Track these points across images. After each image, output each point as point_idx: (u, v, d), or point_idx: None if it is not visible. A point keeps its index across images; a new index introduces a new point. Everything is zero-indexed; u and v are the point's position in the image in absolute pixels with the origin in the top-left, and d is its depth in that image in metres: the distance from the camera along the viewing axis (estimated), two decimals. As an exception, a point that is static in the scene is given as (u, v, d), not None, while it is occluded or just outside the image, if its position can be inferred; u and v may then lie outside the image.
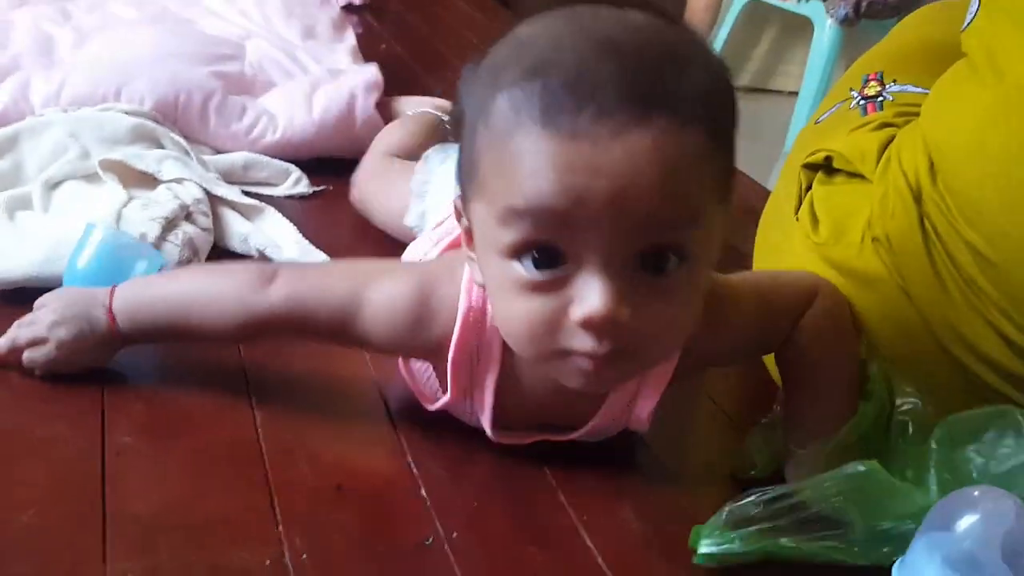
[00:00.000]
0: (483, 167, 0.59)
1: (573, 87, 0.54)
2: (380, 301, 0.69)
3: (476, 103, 0.59)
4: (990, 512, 0.59)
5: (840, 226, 0.79)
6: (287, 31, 1.65)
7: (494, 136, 0.57)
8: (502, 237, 0.58)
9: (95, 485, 0.66)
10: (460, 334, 0.68)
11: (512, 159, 0.56)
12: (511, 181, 0.56)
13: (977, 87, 0.71)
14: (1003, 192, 0.68)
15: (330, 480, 0.69)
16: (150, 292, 0.77)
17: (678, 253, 0.58)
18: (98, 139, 1.06)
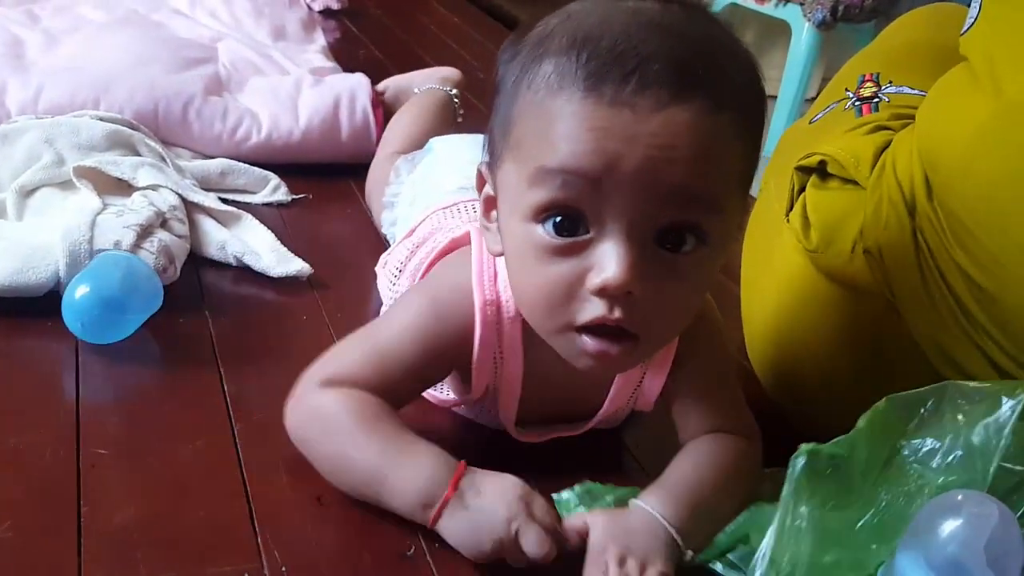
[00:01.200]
0: (520, 128, 0.60)
1: (620, 58, 0.56)
2: (395, 335, 0.69)
3: (520, 67, 0.61)
4: (973, 516, 0.59)
5: (831, 233, 0.78)
6: (257, 32, 1.65)
7: (536, 98, 0.59)
8: (529, 198, 0.59)
9: (70, 498, 0.65)
10: (481, 332, 0.69)
11: (551, 121, 0.57)
12: (547, 142, 0.57)
13: (974, 98, 0.69)
14: (995, 216, 0.66)
15: (310, 492, 0.68)
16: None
17: (697, 234, 0.59)
18: (73, 145, 1.05)
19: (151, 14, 1.60)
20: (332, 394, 0.67)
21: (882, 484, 0.64)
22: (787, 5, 3.01)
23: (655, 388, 0.73)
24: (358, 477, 0.66)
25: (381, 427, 0.66)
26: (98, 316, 0.80)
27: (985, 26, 0.71)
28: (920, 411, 0.66)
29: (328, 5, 2.12)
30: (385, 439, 0.65)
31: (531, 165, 0.58)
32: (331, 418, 0.66)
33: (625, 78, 0.55)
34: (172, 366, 0.83)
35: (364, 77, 1.35)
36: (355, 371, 0.68)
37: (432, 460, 0.65)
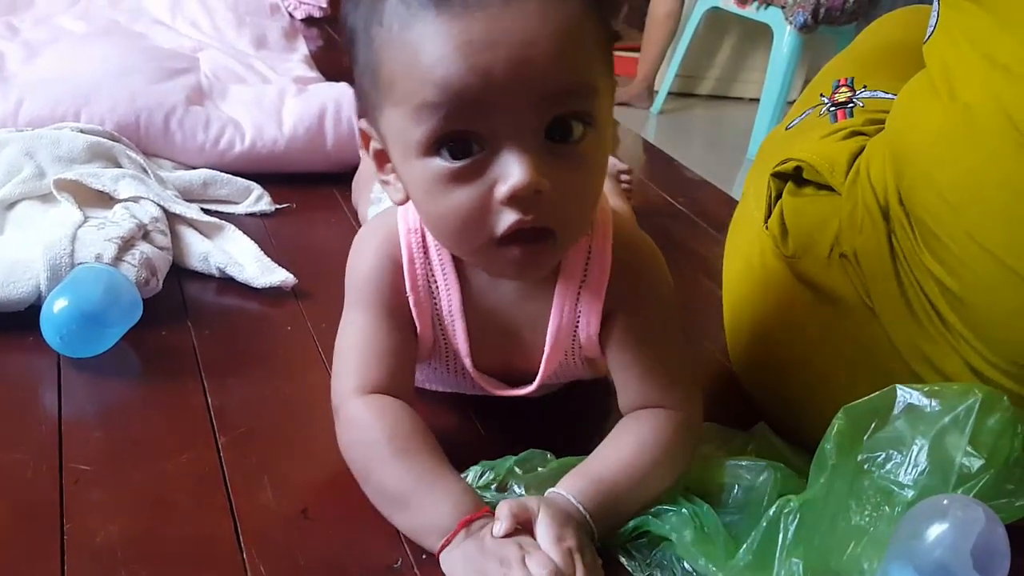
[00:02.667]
0: (386, 69, 0.60)
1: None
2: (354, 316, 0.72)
3: (366, 11, 0.61)
4: (959, 520, 0.60)
5: (808, 239, 0.79)
6: (239, 41, 1.65)
7: (392, 34, 0.59)
8: (417, 134, 0.59)
9: (53, 515, 0.65)
10: (408, 257, 0.70)
11: (414, 52, 0.58)
12: (417, 75, 0.58)
13: (932, 104, 0.71)
14: (957, 219, 0.67)
15: (296, 505, 0.68)
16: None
17: (582, 119, 0.60)
18: (54, 158, 1.04)
19: (132, 25, 1.60)
20: (370, 407, 0.69)
21: (859, 510, 0.65)
22: (768, 8, 3.03)
23: (593, 324, 0.72)
24: (384, 495, 0.67)
25: (415, 451, 0.67)
26: (77, 329, 0.79)
27: (942, 35, 0.73)
28: (873, 421, 0.67)
29: (310, 13, 2.12)
30: (416, 465, 0.66)
31: (411, 103, 0.59)
32: (368, 432, 0.68)
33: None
34: (155, 379, 0.82)
35: (350, 88, 1.34)
36: (365, 372, 0.70)
37: (458, 496, 0.65)
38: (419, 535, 0.65)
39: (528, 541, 0.62)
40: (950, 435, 0.64)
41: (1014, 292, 0.66)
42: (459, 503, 0.64)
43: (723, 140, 3.15)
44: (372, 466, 0.67)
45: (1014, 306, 0.66)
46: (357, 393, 0.70)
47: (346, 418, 0.70)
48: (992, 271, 0.66)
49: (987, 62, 0.66)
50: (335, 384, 0.72)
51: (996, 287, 0.66)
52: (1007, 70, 0.65)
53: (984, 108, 0.66)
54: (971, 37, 0.68)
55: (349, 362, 0.71)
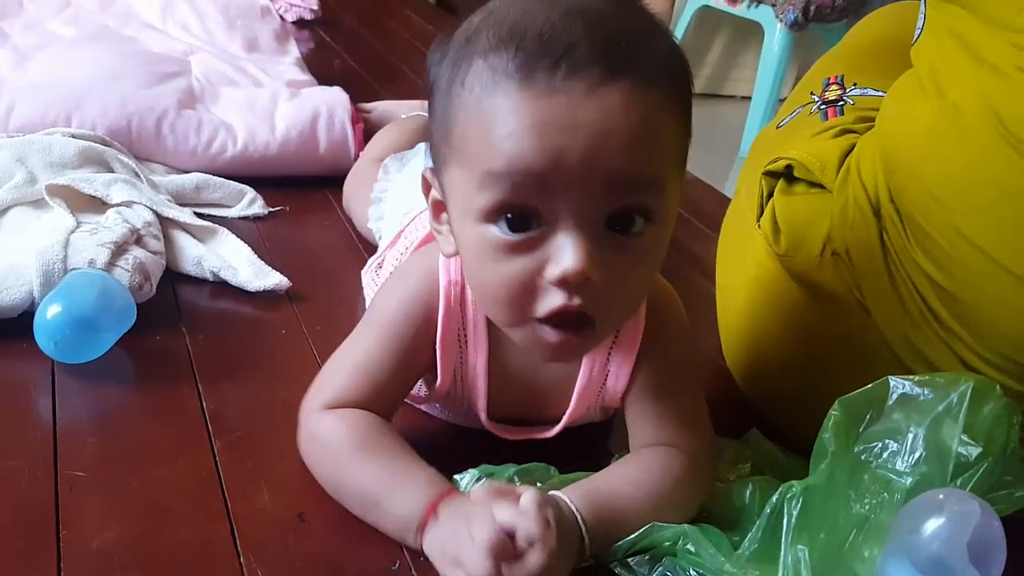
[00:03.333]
0: (460, 130, 0.60)
1: (547, 46, 0.56)
2: (368, 343, 0.71)
3: (450, 68, 0.61)
4: (956, 515, 0.60)
5: (800, 237, 0.79)
6: (230, 44, 1.64)
7: (471, 98, 0.59)
8: (478, 201, 0.59)
9: (49, 522, 0.64)
10: (444, 309, 0.69)
11: (490, 120, 0.57)
12: (489, 143, 0.58)
13: (922, 103, 0.71)
14: (946, 216, 0.68)
15: (292, 509, 0.68)
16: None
17: (644, 215, 0.60)
18: (45, 163, 1.04)
19: (122, 29, 1.59)
20: (330, 418, 0.69)
21: (859, 499, 0.65)
22: (759, 7, 3.03)
23: (621, 381, 0.72)
24: (356, 500, 0.67)
25: (377, 451, 0.67)
26: (71, 335, 0.79)
27: (929, 37, 0.73)
28: (868, 412, 0.67)
29: (301, 16, 2.12)
30: (380, 465, 0.67)
31: (477, 168, 0.59)
32: (329, 444, 0.69)
33: (555, 64, 0.56)
34: (150, 384, 0.82)
35: (343, 92, 1.34)
36: (346, 391, 0.70)
37: (424, 485, 0.65)
38: (400, 534, 0.65)
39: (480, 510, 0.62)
40: (944, 423, 0.65)
41: (1003, 287, 0.66)
42: (427, 494, 0.65)
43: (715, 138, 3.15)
44: (339, 476, 0.68)
45: (1003, 301, 0.66)
46: (325, 407, 0.69)
47: (308, 434, 0.70)
48: (981, 267, 0.66)
49: (974, 61, 0.67)
50: (312, 392, 0.71)
51: (985, 283, 0.67)
52: (994, 69, 0.65)
53: (972, 106, 0.66)
54: (958, 38, 0.69)
55: (339, 375, 0.71)
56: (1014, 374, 0.69)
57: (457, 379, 0.73)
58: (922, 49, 0.74)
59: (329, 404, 0.70)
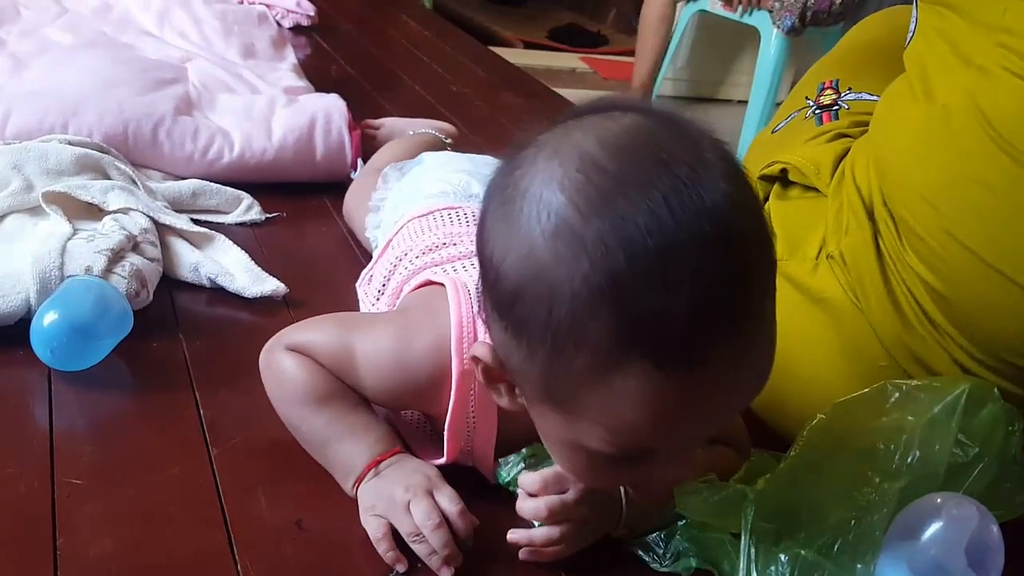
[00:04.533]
0: (559, 382, 0.53)
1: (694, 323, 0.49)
2: (366, 350, 0.70)
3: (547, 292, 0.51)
4: (953, 519, 0.60)
5: (795, 241, 0.79)
6: (227, 51, 1.64)
7: (584, 360, 0.51)
8: (583, 439, 0.56)
9: (46, 530, 0.64)
10: (456, 399, 0.68)
11: (610, 396, 0.52)
12: (606, 418, 0.53)
13: (912, 106, 0.72)
14: (937, 219, 0.68)
15: (290, 516, 0.68)
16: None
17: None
18: (42, 171, 1.03)
19: (119, 35, 1.59)
20: (292, 360, 0.70)
21: (842, 504, 0.64)
22: (756, 12, 3.04)
23: None
24: (306, 440, 0.72)
25: (334, 401, 0.70)
26: (67, 343, 0.79)
27: (920, 39, 0.73)
28: (864, 414, 0.67)
29: (298, 22, 2.12)
30: (335, 415, 0.70)
31: (586, 434, 0.55)
32: (286, 383, 0.71)
33: (700, 345, 0.49)
34: (146, 391, 0.82)
35: (340, 99, 1.34)
36: (321, 356, 0.70)
37: (369, 441, 0.69)
38: (339, 477, 0.70)
39: (438, 476, 0.67)
40: (939, 425, 0.65)
41: (994, 289, 0.66)
42: (370, 447, 0.69)
43: (712, 143, 3.15)
44: (294, 414, 0.71)
45: (995, 302, 0.67)
46: (293, 348, 0.71)
47: (270, 364, 0.72)
48: (972, 268, 0.67)
49: (962, 62, 0.68)
50: (291, 329, 0.73)
51: (977, 284, 0.67)
52: (981, 69, 0.66)
53: (960, 108, 0.67)
54: (948, 41, 0.70)
55: (322, 333, 0.71)
56: (1008, 375, 0.69)
57: (464, 455, 0.72)
58: (913, 52, 0.74)
59: (300, 348, 0.70)
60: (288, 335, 0.72)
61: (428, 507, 0.64)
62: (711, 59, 3.59)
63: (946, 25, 0.70)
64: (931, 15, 0.72)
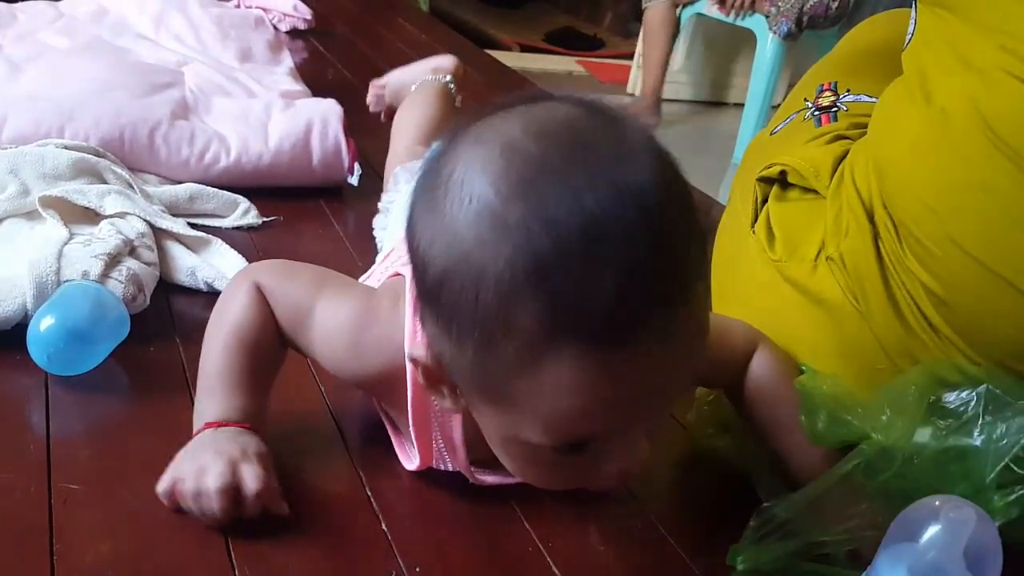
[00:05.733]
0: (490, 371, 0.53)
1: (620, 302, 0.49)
2: (324, 317, 0.69)
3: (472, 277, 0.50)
4: (952, 521, 0.60)
5: (795, 243, 0.79)
6: (223, 55, 1.64)
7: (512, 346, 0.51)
8: (524, 433, 0.55)
9: (43, 536, 0.64)
10: (414, 395, 0.66)
11: (541, 384, 0.51)
12: (540, 408, 0.53)
13: (911, 109, 0.72)
14: (938, 223, 0.68)
15: (285, 518, 0.67)
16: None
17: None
18: (38, 175, 1.03)
19: (115, 39, 1.59)
20: (248, 298, 0.71)
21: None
22: (752, 15, 3.04)
23: None
24: (201, 368, 0.71)
25: (240, 357, 0.70)
26: (64, 348, 0.79)
27: (919, 42, 0.73)
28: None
29: (295, 25, 2.12)
30: (231, 367, 0.70)
31: (525, 428, 0.54)
32: (226, 314, 0.71)
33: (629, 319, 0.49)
34: (144, 396, 0.81)
35: (336, 103, 1.34)
36: (279, 306, 0.70)
37: (229, 409, 0.69)
38: (196, 417, 0.70)
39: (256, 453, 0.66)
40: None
41: (994, 293, 0.66)
42: (229, 411, 0.68)
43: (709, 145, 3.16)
44: (209, 341, 0.72)
45: (996, 308, 0.67)
46: (260, 286, 0.71)
47: (234, 290, 0.72)
48: (972, 273, 0.66)
49: (962, 66, 0.67)
50: (266, 266, 0.73)
51: (977, 289, 0.67)
52: (981, 73, 0.66)
53: (959, 111, 0.67)
54: (947, 43, 0.69)
55: (293, 285, 0.71)
56: None
57: (438, 451, 0.71)
58: (912, 54, 0.74)
59: (264, 290, 0.70)
60: (262, 272, 0.72)
61: (218, 473, 0.64)
62: (708, 63, 3.59)
63: (945, 27, 0.70)
64: (930, 17, 0.72)
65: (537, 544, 0.70)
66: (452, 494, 0.73)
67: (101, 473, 0.71)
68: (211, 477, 0.64)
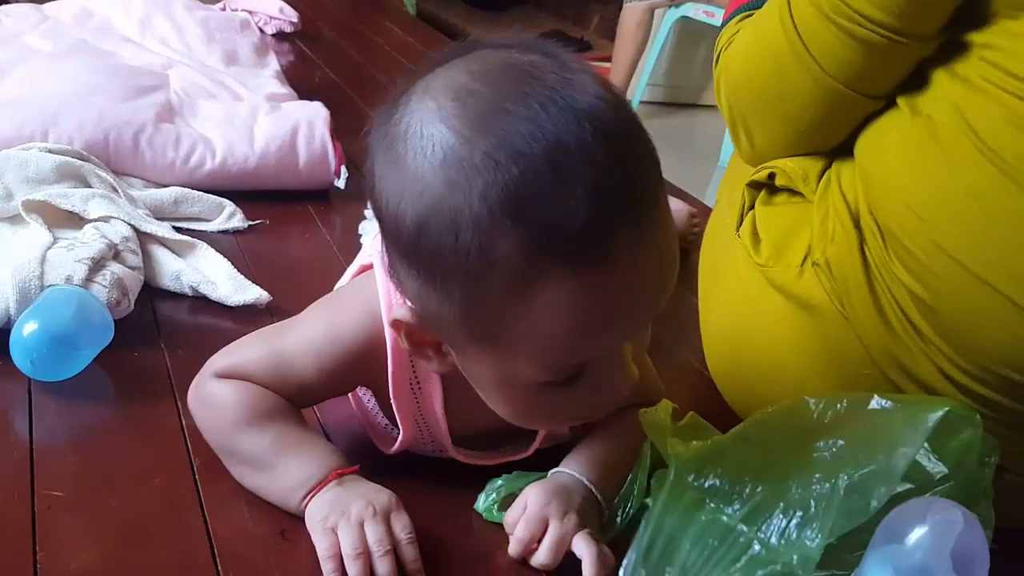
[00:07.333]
0: (479, 308, 0.54)
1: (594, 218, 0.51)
2: (298, 345, 0.69)
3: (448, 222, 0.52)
4: (939, 523, 0.60)
5: (781, 247, 0.79)
6: (209, 57, 1.64)
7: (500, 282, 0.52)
8: (517, 371, 0.57)
9: (26, 543, 0.63)
10: (394, 367, 0.67)
11: (532, 307, 0.52)
12: (534, 342, 0.54)
13: (896, 116, 0.73)
14: (923, 228, 0.68)
15: (273, 526, 0.67)
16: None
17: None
18: (22, 179, 1.03)
19: (100, 43, 1.58)
20: (224, 385, 0.68)
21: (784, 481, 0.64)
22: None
23: None
24: (244, 465, 0.68)
25: (274, 419, 0.68)
26: (48, 353, 0.78)
27: None
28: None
29: (281, 28, 2.11)
30: (277, 432, 0.67)
31: (519, 364, 0.56)
32: (224, 409, 0.68)
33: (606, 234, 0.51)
34: (128, 401, 0.81)
35: (322, 106, 1.34)
36: (253, 372, 0.68)
37: (326, 454, 0.67)
38: (285, 495, 0.66)
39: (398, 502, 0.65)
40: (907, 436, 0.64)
41: (980, 299, 0.66)
42: (327, 460, 0.66)
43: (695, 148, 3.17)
44: (229, 441, 0.68)
45: (981, 313, 0.67)
46: (223, 375, 0.69)
47: (199, 397, 0.70)
48: (958, 278, 0.67)
49: (947, 75, 0.68)
50: (218, 356, 0.70)
51: (963, 295, 0.67)
52: (966, 82, 0.67)
53: (946, 119, 0.67)
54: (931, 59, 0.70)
55: (254, 351, 0.69)
56: (994, 386, 0.69)
57: (419, 425, 0.71)
58: None
59: (229, 372, 0.68)
60: (215, 363, 0.70)
61: (384, 531, 0.63)
62: (694, 65, 3.60)
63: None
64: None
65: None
66: (439, 499, 0.73)
67: (85, 479, 0.70)
68: (374, 536, 0.63)
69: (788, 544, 0.62)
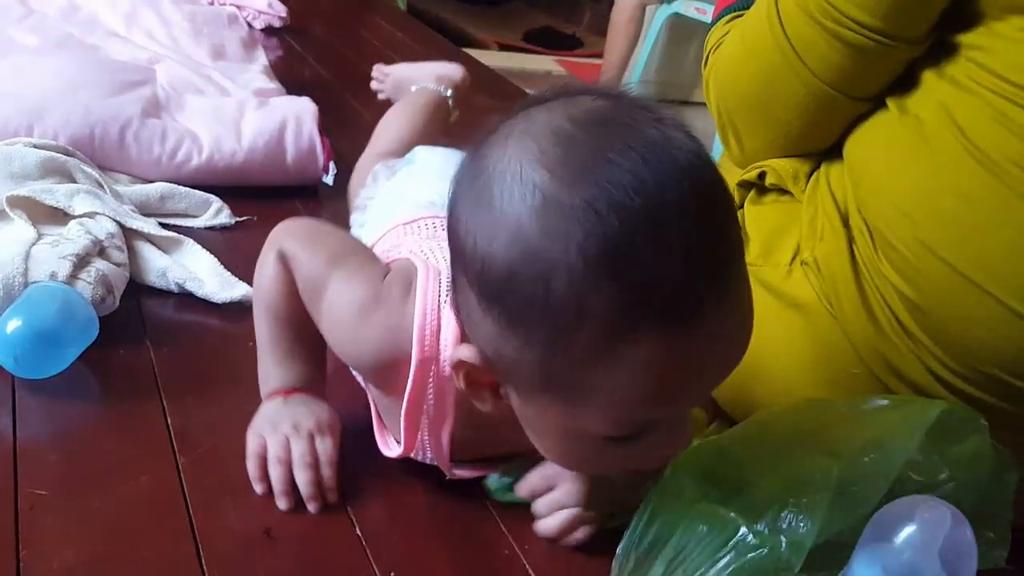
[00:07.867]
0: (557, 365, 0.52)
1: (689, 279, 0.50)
2: (333, 293, 0.70)
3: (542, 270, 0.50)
4: (927, 522, 0.60)
5: (769, 246, 0.79)
6: (196, 52, 1.63)
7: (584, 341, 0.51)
8: (582, 424, 0.55)
9: (8, 542, 0.63)
10: (413, 389, 0.66)
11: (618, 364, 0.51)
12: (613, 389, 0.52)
13: (884, 116, 0.73)
14: (911, 228, 0.68)
15: (259, 524, 0.67)
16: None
17: None
18: (6, 174, 1.02)
19: (86, 37, 1.57)
20: (276, 269, 0.74)
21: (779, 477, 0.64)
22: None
23: None
24: (258, 336, 0.76)
25: (285, 325, 0.74)
26: (31, 350, 0.77)
27: None
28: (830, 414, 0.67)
29: (270, 23, 2.10)
30: (280, 335, 0.75)
31: (589, 418, 0.54)
32: (262, 284, 0.75)
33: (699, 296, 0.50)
34: (113, 399, 0.80)
35: (310, 102, 1.33)
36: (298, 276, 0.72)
37: (290, 372, 0.74)
38: (260, 385, 0.75)
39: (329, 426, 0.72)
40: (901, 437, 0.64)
41: (968, 299, 0.66)
42: (286, 377, 0.74)
43: (686, 145, 3.16)
44: (257, 309, 0.76)
45: (969, 313, 0.67)
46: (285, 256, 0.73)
47: (264, 260, 0.75)
48: (946, 278, 0.67)
49: (934, 75, 0.68)
50: (291, 230, 0.75)
51: (951, 294, 0.67)
52: (954, 82, 0.67)
53: (934, 120, 0.67)
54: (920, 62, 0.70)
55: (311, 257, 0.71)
56: (982, 385, 0.69)
57: (422, 444, 0.71)
58: None
59: (287, 258, 0.73)
60: (286, 239, 0.74)
61: (307, 447, 0.70)
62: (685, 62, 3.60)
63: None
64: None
65: (513, 546, 0.69)
66: (429, 498, 0.73)
67: (69, 478, 0.70)
68: (297, 451, 0.70)
69: (778, 531, 0.61)
